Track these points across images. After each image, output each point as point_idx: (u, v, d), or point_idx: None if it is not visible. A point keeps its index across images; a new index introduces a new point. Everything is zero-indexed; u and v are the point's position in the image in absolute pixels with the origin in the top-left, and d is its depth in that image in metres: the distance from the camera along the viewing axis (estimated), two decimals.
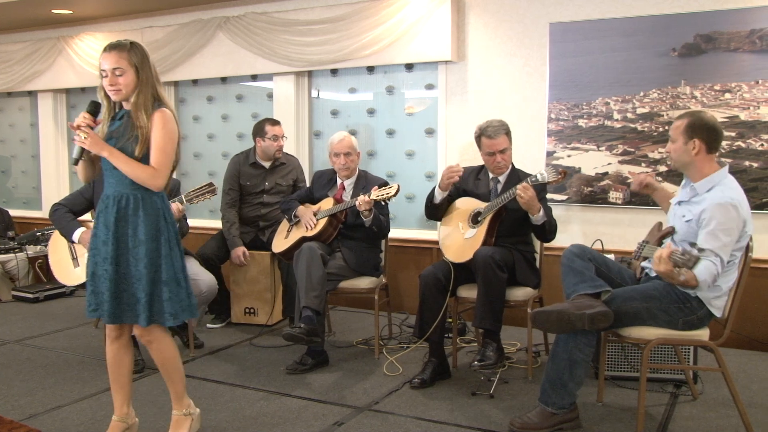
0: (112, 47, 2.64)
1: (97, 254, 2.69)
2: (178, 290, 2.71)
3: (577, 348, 2.85)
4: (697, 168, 2.86)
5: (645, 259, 3.03)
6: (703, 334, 2.88)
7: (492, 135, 3.65)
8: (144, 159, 2.64)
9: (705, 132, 2.82)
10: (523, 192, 3.39)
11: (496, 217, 3.59)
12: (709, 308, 2.83)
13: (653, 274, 2.99)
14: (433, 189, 3.83)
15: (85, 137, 2.60)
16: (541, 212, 3.51)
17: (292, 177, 4.81)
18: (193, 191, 4.02)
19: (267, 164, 4.78)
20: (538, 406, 2.96)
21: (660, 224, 3.12)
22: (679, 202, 2.98)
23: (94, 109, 2.70)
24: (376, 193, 3.84)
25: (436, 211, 3.85)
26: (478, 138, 3.73)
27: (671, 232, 2.90)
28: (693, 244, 2.60)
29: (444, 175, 3.71)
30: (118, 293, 2.66)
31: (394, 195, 3.82)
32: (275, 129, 4.74)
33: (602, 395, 3.28)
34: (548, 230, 3.60)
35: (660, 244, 2.91)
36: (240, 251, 4.61)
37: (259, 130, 4.75)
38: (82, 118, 2.64)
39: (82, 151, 2.67)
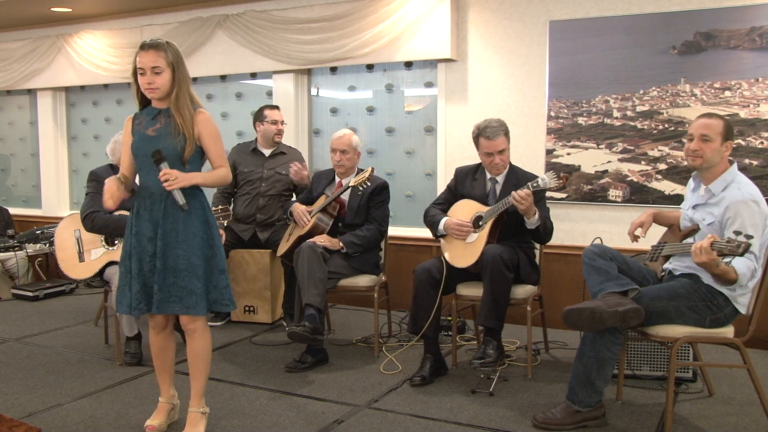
0: (150, 46, 2.68)
1: (143, 251, 2.75)
2: (228, 278, 2.87)
3: (605, 346, 2.86)
4: (717, 168, 2.91)
5: (666, 259, 3.04)
6: (728, 331, 2.90)
7: (490, 136, 3.62)
8: (192, 159, 2.76)
9: (734, 136, 2.94)
10: (523, 200, 3.38)
11: (498, 221, 3.59)
12: (735, 305, 2.86)
13: (678, 273, 3.01)
14: (437, 217, 3.78)
15: (173, 180, 2.66)
16: (536, 216, 3.50)
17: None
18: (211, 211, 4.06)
19: (267, 152, 4.77)
20: (564, 402, 2.97)
21: (675, 227, 3.14)
22: (695, 206, 2.99)
23: (161, 157, 2.71)
24: (353, 181, 3.93)
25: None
26: (476, 138, 3.70)
27: (696, 229, 2.91)
28: (738, 233, 2.59)
29: (453, 228, 3.67)
30: (166, 286, 2.74)
31: (368, 178, 3.90)
32: (273, 113, 4.76)
33: (621, 393, 3.29)
34: (543, 233, 3.60)
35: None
36: None
37: (258, 115, 4.79)
38: (165, 175, 2.66)
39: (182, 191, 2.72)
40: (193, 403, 2.91)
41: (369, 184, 3.98)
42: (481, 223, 3.62)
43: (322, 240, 3.94)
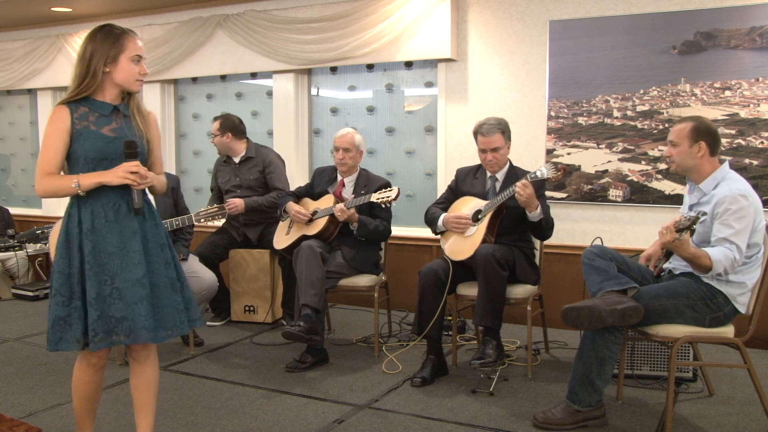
0: (135, 34, 2.44)
1: (102, 271, 2.34)
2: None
3: (605, 345, 2.87)
4: (699, 170, 2.93)
5: (667, 258, 3.04)
6: (728, 331, 2.91)
7: (485, 133, 3.66)
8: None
9: (709, 135, 2.90)
10: (522, 189, 3.38)
11: (497, 215, 3.59)
12: (735, 305, 2.86)
13: (678, 272, 3.01)
14: (437, 214, 3.80)
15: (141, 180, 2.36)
16: (539, 209, 3.50)
17: (258, 169, 4.72)
18: (204, 211, 4.07)
19: (237, 159, 4.77)
20: (564, 402, 2.98)
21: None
22: (690, 207, 3.00)
23: (134, 150, 2.38)
24: (376, 196, 3.86)
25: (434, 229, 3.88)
26: (475, 134, 3.75)
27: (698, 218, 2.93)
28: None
29: (451, 222, 3.70)
30: (158, 308, 2.40)
31: (394, 199, 3.83)
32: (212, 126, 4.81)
33: (621, 393, 3.29)
34: (545, 228, 3.60)
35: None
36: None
37: None
38: (138, 168, 2.35)
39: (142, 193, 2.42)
40: None
41: (394, 204, 3.94)
42: (480, 216, 3.63)
43: (339, 211, 3.87)
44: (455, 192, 3.91)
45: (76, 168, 2.40)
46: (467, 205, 3.76)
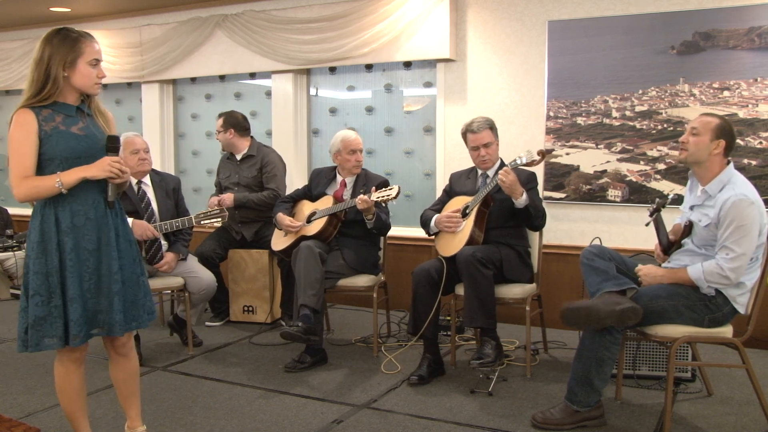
0: (92, 37, 2.45)
1: (83, 268, 2.42)
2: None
3: (604, 346, 2.87)
4: (708, 167, 2.91)
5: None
6: (727, 331, 2.91)
7: (476, 129, 3.72)
8: None
9: (730, 137, 2.90)
10: (505, 176, 3.40)
11: (484, 207, 3.60)
12: (734, 305, 2.86)
13: None
14: (429, 216, 3.83)
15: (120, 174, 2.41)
16: (524, 196, 3.50)
17: (256, 167, 4.71)
18: (203, 214, 4.08)
19: (239, 156, 4.79)
20: (563, 402, 2.98)
21: (678, 225, 3.13)
22: (692, 207, 3.00)
23: (116, 145, 2.45)
24: (376, 195, 3.82)
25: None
26: (464, 135, 3.79)
27: (689, 226, 2.93)
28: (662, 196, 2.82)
29: (443, 222, 3.72)
30: (128, 302, 2.50)
31: (395, 198, 3.82)
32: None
33: (620, 393, 3.29)
34: (534, 216, 3.57)
35: (679, 246, 2.96)
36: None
37: None
38: (120, 163, 2.41)
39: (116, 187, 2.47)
40: (136, 423, 2.71)
41: (394, 203, 3.91)
42: (467, 211, 3.64)
43: (365, 199, 3.80)
44: (450, 195, 3.92)
45: (49, 170, 2.39)
46: (458, 204, 3.78)
